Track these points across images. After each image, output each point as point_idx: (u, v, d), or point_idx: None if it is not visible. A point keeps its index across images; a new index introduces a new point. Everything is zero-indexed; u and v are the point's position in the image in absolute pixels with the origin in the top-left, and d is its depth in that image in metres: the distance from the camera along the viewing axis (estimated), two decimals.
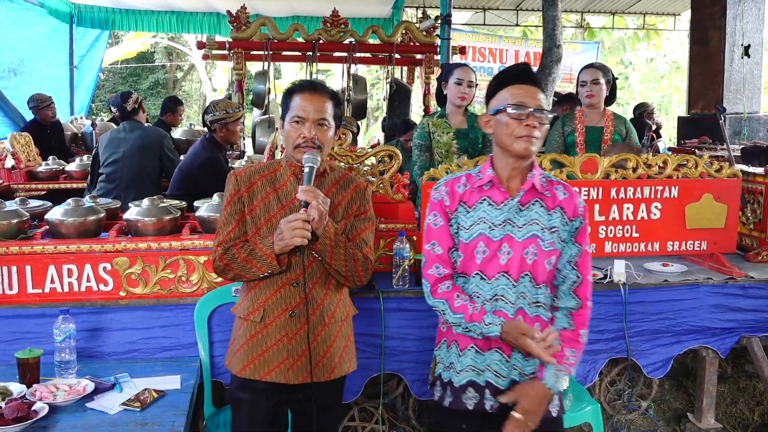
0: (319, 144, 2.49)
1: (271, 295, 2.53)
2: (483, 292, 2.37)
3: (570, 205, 2.38)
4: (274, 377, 2.52)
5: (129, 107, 5.31)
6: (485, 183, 2.39)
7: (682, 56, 24.49)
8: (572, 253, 2.38)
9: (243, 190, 2.56)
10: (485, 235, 2.36)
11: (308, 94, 2.51)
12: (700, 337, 3.60)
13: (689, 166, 3.83)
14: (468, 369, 2.41)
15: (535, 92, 2.34)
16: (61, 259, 3.12)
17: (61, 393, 2.61)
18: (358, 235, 2.60)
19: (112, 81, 22.71)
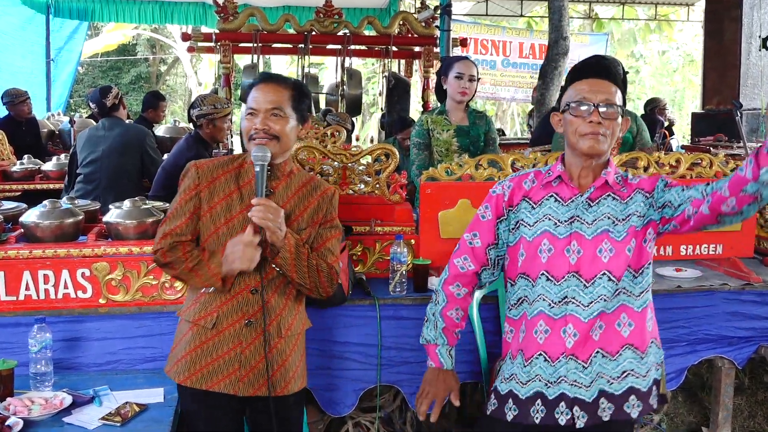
0: (274, 134, 2.49)
1: (227, 302, 2.52)
2: (550, 295, 2.37)
3: (647, 181, 2.40)
4: (223, 387, 2.51)
5: (108, 103, 5.30)
6: (553, 179, 2.41)
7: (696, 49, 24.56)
8: (677, 190, 2.34)
9: (203, 186, 2.54)
10: (549, 233, 2.38)
11: (263, 85, 2.53)
12: (715, 346, 3.60)
13: (703, 166, 3.83)
14: (536, 379, 2.41)
15: (604, 86, 2.34)
16: (36, 264, 3.11)
17: (37, 407, 2.60)
18: (323, 244, 2.61)
19: (92, 75, 22.71)
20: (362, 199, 3.70)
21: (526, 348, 2.43)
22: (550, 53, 8.56)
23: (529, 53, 13.29)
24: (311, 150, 3.63)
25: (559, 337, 2.37)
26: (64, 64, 11.14)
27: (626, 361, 2.36)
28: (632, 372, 2.37)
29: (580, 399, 2.36)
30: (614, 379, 2.36)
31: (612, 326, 2.36)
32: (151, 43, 24.16)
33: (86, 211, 3.55)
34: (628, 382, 2.36)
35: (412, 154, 4.53)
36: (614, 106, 2.31)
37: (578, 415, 2.36)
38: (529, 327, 2.43)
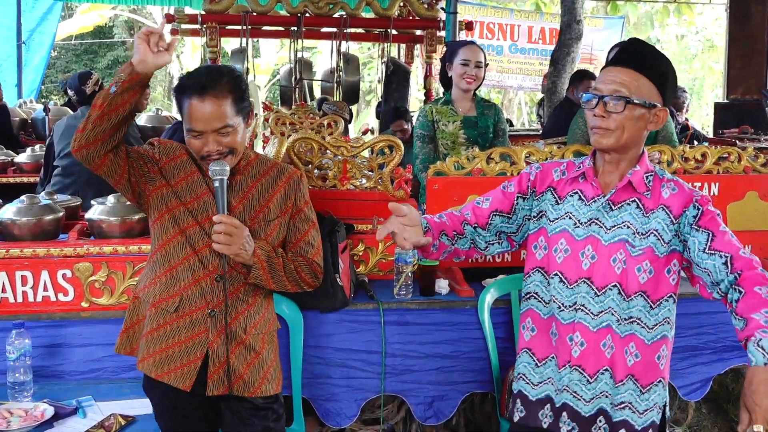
0: (229, 149, 2.45)
1: (189, 285, 2.51)
2: (562, 297, 2.39)
3: (678, 201, 2.32)
4: (172, 380, 2.50)
5: (88, 90, 5.30)
6: (580, 174, 2.41)
7: (717, 33, 24.60)
8: (701, 241, 2.26)
9: (165, 161, 2.53)
10: (568, 233, 2.38)
11: (198, 100, 2.38)
12: (744, 354, 3.57)
13: (731, 160, 3.84)
14: (548, 382, 2.44)
15: (623, 74, 2.27)
16: (13, 264, 3.11)
17: (16, 419, 2.60)
18: (301, 238, 2.61)
19: (65, 59, 22.64)
20: (364, 194, 3.70)
21: (538, 348, 2.45)
22: (563, 38, 8.57)
23: (539, 38, 13.26)
24: (309, 141, 3.63)
25: (566, 343, 2.39)
26: (36, 47, 11.07)
27: (627, 392, 2.37)
28: (630, 405, 2.37)
29: (576, 411, 2.39)
30: (615, 405, 2.37)
31: (621, 352, 2.36)
32: (129, 25, 24.09)
33: (66, 208, 3.55)
34: (624, 414, 2.37)
35: (416, 147, 4.52)
36: (623, 98, 2.25)
37: (572, 426, 2.39)
38: (542, 327, 2.45)
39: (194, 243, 2.50)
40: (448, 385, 3.35)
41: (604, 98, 2.27)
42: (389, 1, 8.01)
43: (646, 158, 2.40)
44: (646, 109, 2.29)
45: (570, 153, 3.68)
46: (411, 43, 8.70)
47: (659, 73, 2.31)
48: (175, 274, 2.53)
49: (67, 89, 6.03)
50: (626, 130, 2.29)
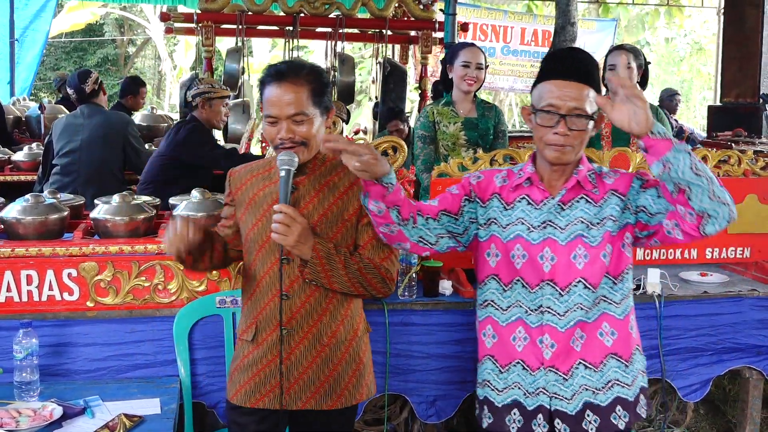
0: (301, 140, 2.45)
1: (262, 310, 2.54)
2: (526, 302, 2.40)
3: (622, 182, 2.39)
4: (268, 403, 2.53)
5: (88, 89, 5.28)
6: (524, 180, 2.42)
7: (705, 36, 24.75)
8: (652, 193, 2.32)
9: (234, 192, 2.63)
10: (523, 238, 2.39)
11: (276, 85, 2.42)
12: (743, 356, 3.65)
13: (731, 163, 3.87)
14: (514, 387, 2.44)
15: (576, 89, 2.29)
16: (19, 263, 3.09)
17: (25, 419, 2.59)
18: (369, 242, 2.54)
19: (54, 56, 22.53)
20: None
21: (500, 354, 2.46)
22: (557, 40, 8.60)
23: (531, 39, 13.30)
24: None
25: (536, 347, 2.40)
26: (29, 45, 10.99)
27: (611, 371, 2.40)
28: (618, 381, 2.41)
29: (561, 411, 2.40)
30: (599, 390, 2.40)
31: (594, 336, 2.39)
32: (119, 23, 24.01)
33: (70, 207, 3.53)
34: (614, 392, 2.41)
35: (417, 148, 4.53)
36: (584, 116, 2.28)
37: (560, 428, 2.40)
38: (503, 333, 2.46)
39: (265, 263, 2.53)
40: (450, 384, 3.36)
41: (566, 117, 2.28)
42: (385, 2, 8.03)
43: (585, 158, 2.44)
44: (594, 119, 2.35)
45: None
46: (406, 44, 8.72)
47: (597, 81, 2.35)
48: (252, 303, 2.59)
49: (66, 87, 5.99)
50: (583, 143, 2.35)
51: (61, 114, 7.03)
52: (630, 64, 4.53)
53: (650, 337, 3.55)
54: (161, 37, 20.14)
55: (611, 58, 4.63)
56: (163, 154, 4.76)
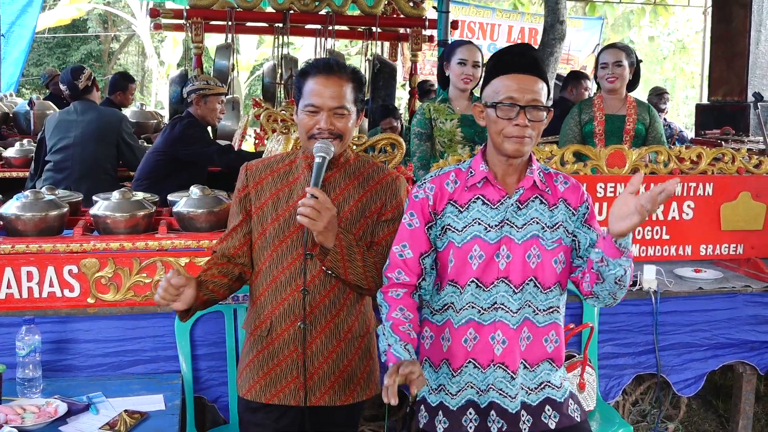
0: (338, 133, 2.49)
1: (278, 305, 2.55)
2: (479, 301, 2.41)
3: (574, 195, 2.45)
4: (283, 399, 2.55)
5: (81, 85, 5.24)
6: (478, 181, 2.43)
7: (688, 35, 24.91)
8: (592, 238, 2.43)
9: (251, 186, 2.61)
10: (480, 238, 2.40)
11: (323, 77, 2.48)
12: (737, 351, 3.70)
13: (725, 161, 3.91)
14: (467, 387, 2.45)
15: (532, 83, 2.34)
16: (19, 260, 3.09)
17: (30, 415, 2.59)
18: (383, 238, 2.58)
19: (37, 52, 22.34)
20: None
21: (453, 357, 2.46)
22: (546, 38, 8.64)
23: (518, 37, 13.33)
24: None
25: (488, 344, 2.42)
26: (16, 40, 10.88)
27: (543, 372, 2.46)
28: (548, 383, 2.46)
29: (503, 408, 2.43)
30: (532, 390, 2.44)
31: (539, 340, 2.44)
32: (103, 19, 23.86)
33: (69, 203, 3.51)
34: (544, 393, 2.45)
35: (413, 145, 4.54)
36: (541, 107, 2.34)
37: (501, 424, 2.42)
38: (456, 336, 2.45)
39: (284, 259, 2.54)
40: None
41: (524, 108, 2.33)
42: None
43: (533, 156, 2.49)
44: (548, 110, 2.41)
45: (570, 153, 3.73)
46: (395, 41, 8.73)
47: (547, 77, 2.41)
48: (265, 298, 2.57)
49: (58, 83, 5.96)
50: (539, 135, 2.40)
51: (50, 110, 7.00)
52: (621, 62, 4.56)
53: (646, 332, 3.60)
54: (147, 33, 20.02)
55: (603, 56, 4.66)
56: (158, 150, 4.76)
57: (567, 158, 3.70)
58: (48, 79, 9.11)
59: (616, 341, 3.59)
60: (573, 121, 4.76)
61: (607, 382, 3.59)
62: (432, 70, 12.31)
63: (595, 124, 4.64)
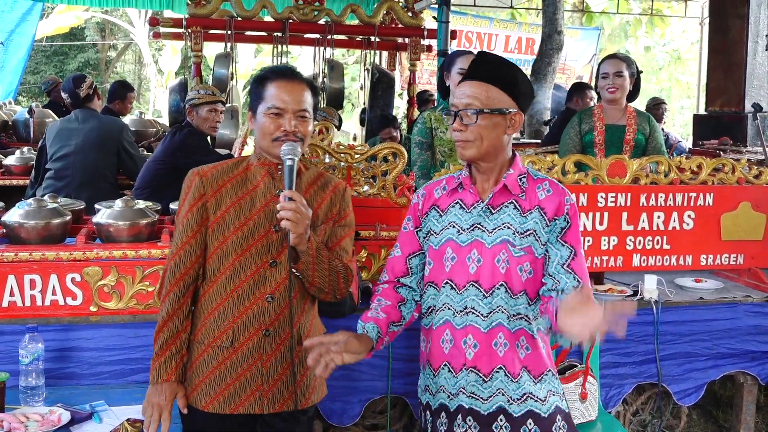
0: (301, 136, 2.51)
1: (241, 314, 2.52)
2: (454, 303, 2.44)
3: (552, 204, 2.43)
4: (248, 408, 2.53)
5: (82, 93, 5.25)
6: (458, 185, 2.49)
7: (684, 45, 25.00)
8: (563, 255, 2.40)
9: (209, 195, 2.54)
10: (453, 241, 2.45)
11: (286, 82, 2.51)
12: (738, 361, 3.71)
13: (726, 171, 3.92)
14: (441, 390, 2.48)
15: (473, 88, 2.38)
16: (22, 268, 3.09)
17: (33, 423, 2.58)
18: (338, 243, 2.64)
19: (35, 60, 22.35)
20: (367, 201, 3.72)
21: (433, 358, 2.50)
22: (543, 48, 8.69)
23: (515, 47, 13.40)
24: (314, 148, 3.65)
25: (460, 348, 2.44)
26: (15, 48, 10.93)
27: (525, 383, 2.44)
28: (531, 395, 2.44)
29: (475, 410, 2.43)
30: (515, 400, 2.43)
31: (513, 346, 2.43)
32: (100, 27, 23.90)
33: (71, 211, 3.52)
34: (527, 405, 2.43)
35: (414, 155, 4.55)
36: (476, 110, 2.36)
37: (471, 424, 2.43)
38: (435, 336, 2.49)
39: (247, 268, 2.51)
40: None
41: (458, 112, 2.38)
42: (374, 9, 8.06)
43: (519, 161, 2.50)
44: (501, 116, 2.40)
45: (571, 162, 3.74)
46: (393, 51, 8.75)
47: (509, 82, 2.42)
48: (224, 309, 2.52)
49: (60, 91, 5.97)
50: (485, 138, 2.39)
51: (50, 118, 7.02)
52: (622, 72, 4.58)
53: (647, 342, 3.60)
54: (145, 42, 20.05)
55: (603, 66, 4.67)
56: (158, 159, 4.76)
57: (568, 168, 3.72)
58: (50, 86, 9.12)
59: (617, 351, 3.60)
60: (573, 131, 4.77)
61: (608, 392, 3.60)
62: (430, 80, 12.36)
63: (596, 134, 4.65)
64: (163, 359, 2.49)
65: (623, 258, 3.84)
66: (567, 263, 2.40)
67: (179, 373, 2.51)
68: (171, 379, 2.49)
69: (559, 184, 2.49)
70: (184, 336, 2.53)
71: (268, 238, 2.50)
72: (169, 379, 2.48)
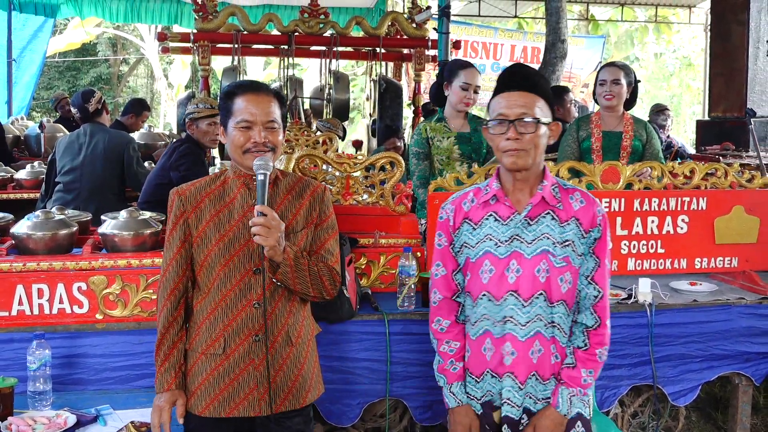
0: (272, 146, 2.60)
1: (231, 321, 2.62)
2: (492, 314, 2.52)
3: (587, 215, 2.51)
4: (243, 411, 2.62)
5: (91, 108, 5.37)
6: (490, 197, 2.54)
7: (694, 51, 25.00)
8: (589, 267, 2.52)
9: (189, 211, 2.65)
10: (491, 253, 2.51)
11: (252, 95, 2.61)
12: (732, 362, 3.75)
13: (718, 176, 3.99)
14: (487, 395, 2.57)
15: (522, 98, 2.45)
16: (30, 277, 3.19)
17: (40, 426, 2.67)
18: (321, 246, 2.72)
19: (48, 76, 22.64)
20: (366, 209, 3.81)
21: (475, 366, 2.59)
22: (547, 57, 8.72)
23: (521, 56, 13.46)
24: (313, 158, 3.74)
25: (500, 355, 2.53)
26: (27, 65, 11.09)
27: (552, 388, 2.54)
28: None
29: (510, 417, 2.53)
30: (540, 400, 2.53)
31: (548, 352, 2.52)
32: (112, 42, 24.14)
33: (78, 222, 3.63)
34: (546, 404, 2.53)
35: (412, 165, 4.64)
36: (532, 120, 2.43)
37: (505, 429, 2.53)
38: (476, 345, 2.59)
39: (232, 277, 2.61)
40: None
41: (514, 122, 2.43)
42: (378, 21, 8.17)
43: (548, 171, 2.56)
44: (547, 126, 2.49)
45: (565, 169, 3.81)
46: (399, 62, 8.85)
47: (547, 92, 2.51)
48: (215, 317, 2.63)
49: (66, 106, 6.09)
50: (537, 147, 2.47)
51: (60, 133, 7.15)
52: (619, 80, 4.65)
53: (641, 344, 3.66)
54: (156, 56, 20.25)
55: (602, 74, 4.75)
56: (157, 173, 4.83)
57: (562, 174, 3.79)
58: (56, 103, 9.28)
59: (612, 353, 3.61)
60: (571, 137, 4.85)
61: (603, 393, 3.65)
62: None
63: (593, 141, 4.72)
64: (163, 369, 2.62)
65: (618, 262, 3.92)
66: (591, 275, 2.51)
67: (179, 381, 2.63)
68: (171, 388, 2.61)
69: (589, 195, 2.57)
70: (180, 346, 2.66)
71: (249, 248, 2.60)
72: (169, 388, 2.61)
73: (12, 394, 2.80)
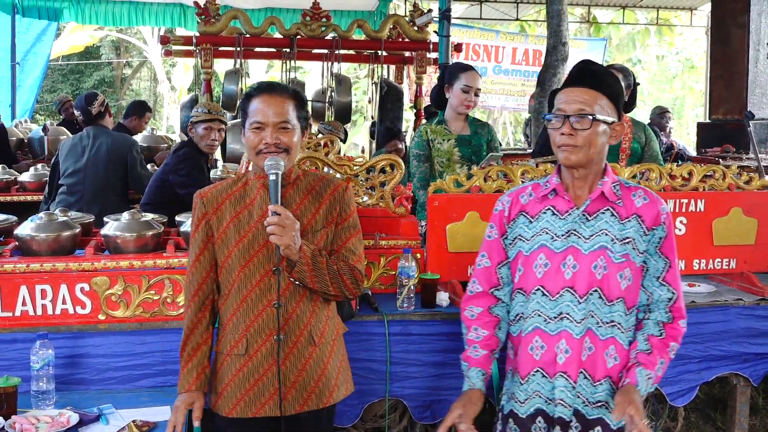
0: (285, 147, 2.62)
1: (252, 322, 2.65)
2: (545, 310, 2.51)
3: (650, 213, 2.50)
4: (268, 411, 2.65)
5: (94, 111, 5.42)
6: (549, 192, 2.55)
7: (697, 54, 25.01)
8: (659, 267, 2.50)
9: (210, 213, 2.70)
10: (546, 247, 2.51)
11: (266, 96, 2.64)
12: (730, 363, 3.77)
13: (716, 178, 4.02)
14: (534, 396, 2.55)
15: (583, 94, 2.44)
16: (33, 278, 3.22)
17: (43, 425, 2.70)
18: (343, 245, 2.73)
19: (51, 79, 22.70)
20: (366, 211, 3.83)
21: (521, 365, 2.58)
22: (549, 59, 8.73)
23: (523, 59, 13.49)
24: (314, 161, 3.78)
25: (554, 353, 2.52)
26: (30, 68, 11.15)
27: (603, 392, 2.51)
28: (606, 404, 2.51)
29: (561, 418, 2.52)
30: (590, 403, 2.51)
31: (601, 353, 2.50)
32: (115, 45, 24.21)
33: (81, 224, 3.66)
34: (601, 412, 2.51)
35: (412, 167, 4.68)
36: (588, 116, 2.42)
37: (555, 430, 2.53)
38: (523, 344, 2.58)
39: (252, 278, 2.65)
40: (446, 390, 3.47)
41: (569, 117, 2.44)
42: (380, 24, 8.19)
43: (610, 170, 2.57)
44: (608, 125, 2.48)
45: None
46: (400, 64, 8.88)
47: (613, 91, 2.50)
48: (237, 318, 2.67)
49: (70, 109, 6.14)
50: (592, 145, 2.46)
51: (63, 136, 7.19)
52: None
53: None
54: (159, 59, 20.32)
55: None
56: (158, 176, 4.89)
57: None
58: (60, 106, 9.32)
59: None
60: None
61: None
62: None
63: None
64: (185, 370, 2.68)
65: None
66: (662, 276, 2.51)
67: (200, 384, 2.68)
68: (191, 390, 2.66)
69: (653, 193, 2.56)
70: (204, 348, 2.71)
71: (268, 248, 2.62)
72: (189, 389, 2.66)
73: (16, 394, 2.83)
